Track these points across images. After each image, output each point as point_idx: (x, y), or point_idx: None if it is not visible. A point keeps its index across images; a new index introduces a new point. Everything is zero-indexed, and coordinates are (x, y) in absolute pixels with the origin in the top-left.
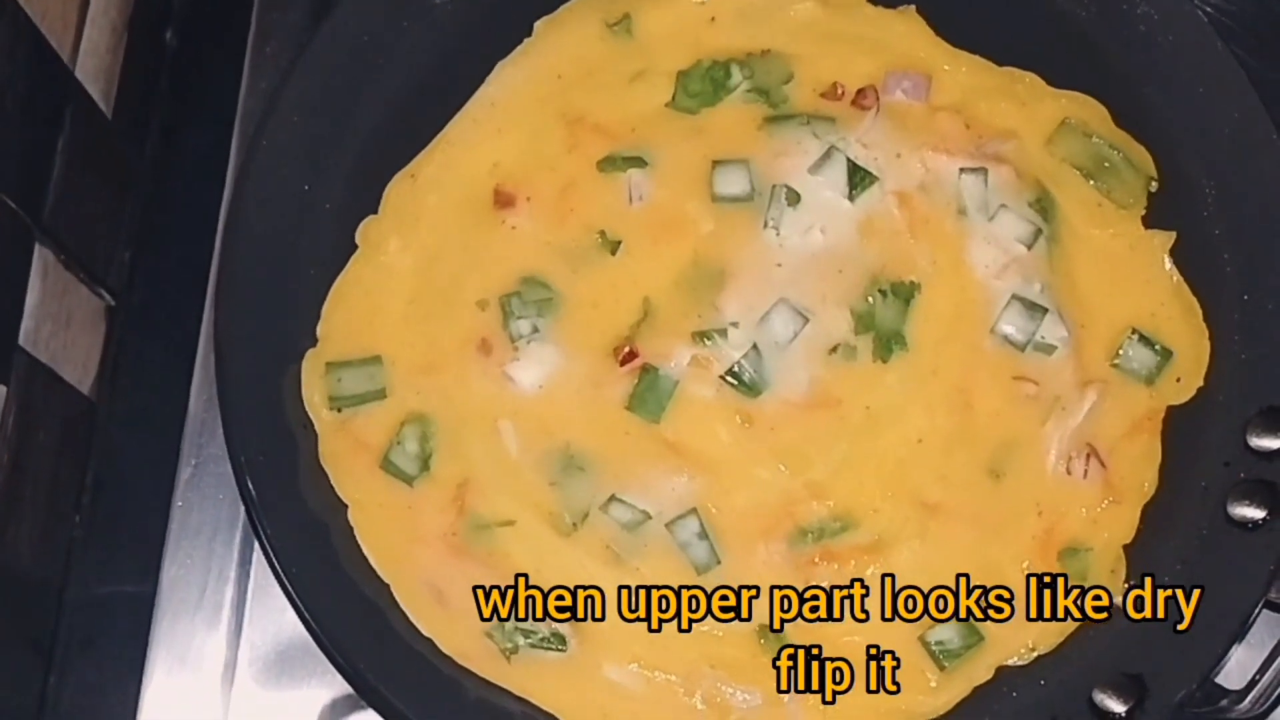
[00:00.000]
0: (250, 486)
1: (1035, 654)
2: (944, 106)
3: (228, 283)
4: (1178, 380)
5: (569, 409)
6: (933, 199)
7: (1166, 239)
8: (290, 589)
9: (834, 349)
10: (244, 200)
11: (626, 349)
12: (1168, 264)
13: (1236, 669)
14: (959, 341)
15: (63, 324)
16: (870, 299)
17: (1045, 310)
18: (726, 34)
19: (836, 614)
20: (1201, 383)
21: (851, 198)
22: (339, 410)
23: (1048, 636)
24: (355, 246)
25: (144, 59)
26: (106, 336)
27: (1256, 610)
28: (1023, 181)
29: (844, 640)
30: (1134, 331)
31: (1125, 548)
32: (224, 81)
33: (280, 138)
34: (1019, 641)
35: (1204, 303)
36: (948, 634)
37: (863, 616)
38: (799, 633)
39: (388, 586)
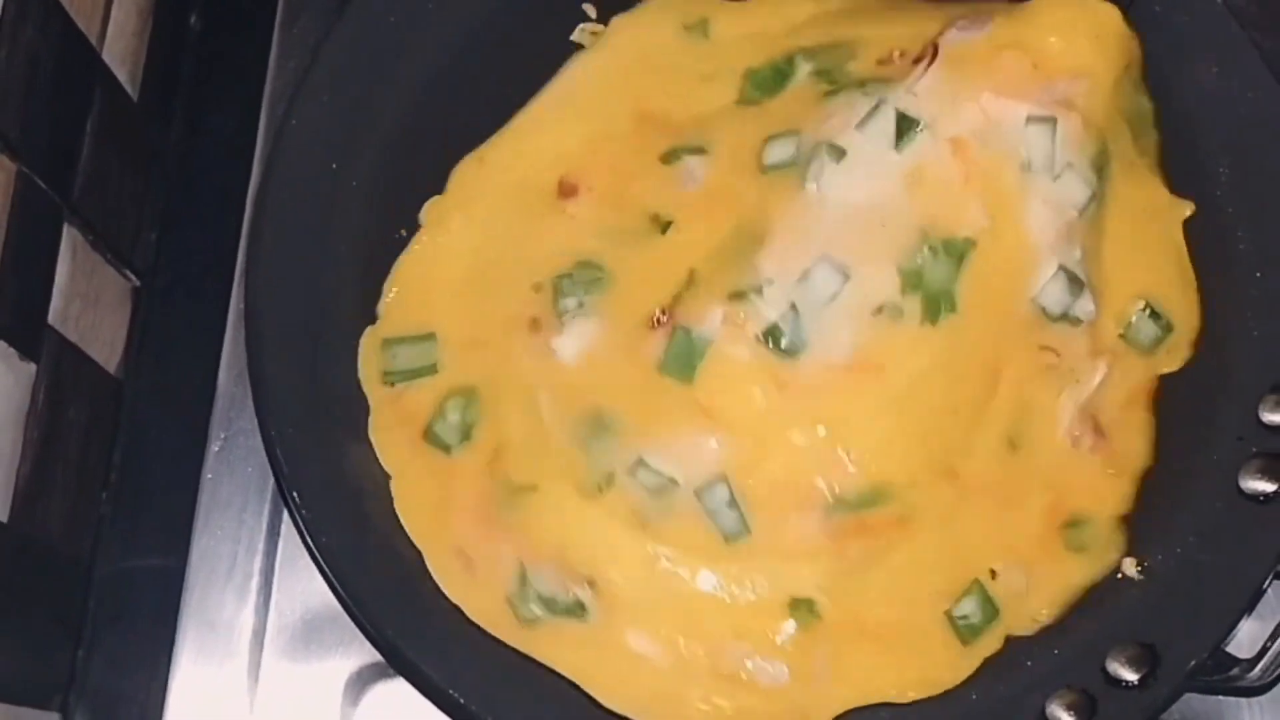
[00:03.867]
0: (281, 458)
1: (1040, 625)
2: (1008, 44)
3: (258, 258)
4: (1168, 351)
5: (604, 375)
6: (992, 150)
7: (1185, 207)
8: (319, 558)
9: (879, 309)
10: (274, 178)
11: (660, 311)
12: (1179, 232)
13: (1246, 638)
14: (1000, 307)
15: (91, 303)
16: (919, 257)
17: (1084, 284)
18: (800, 35)
19: (866, 586)
20: (1189, 354)
21: (899, 148)
22: (392, 384)
23: (1053, 607)
24: (384, 224)
25: (169, 41)
26: (133, 316)
27: (1268, 581)
28: (1088, 133)
29: (871, 613)
30: (1145, 304)
31: (1123, 518)
32: (250, 62)
33: (310, 117)
34: (1027, 612)
35: (1217, 280)
36: (970, 607)
37: (891, 588)
38: (829, 604)
39: (418, 554)
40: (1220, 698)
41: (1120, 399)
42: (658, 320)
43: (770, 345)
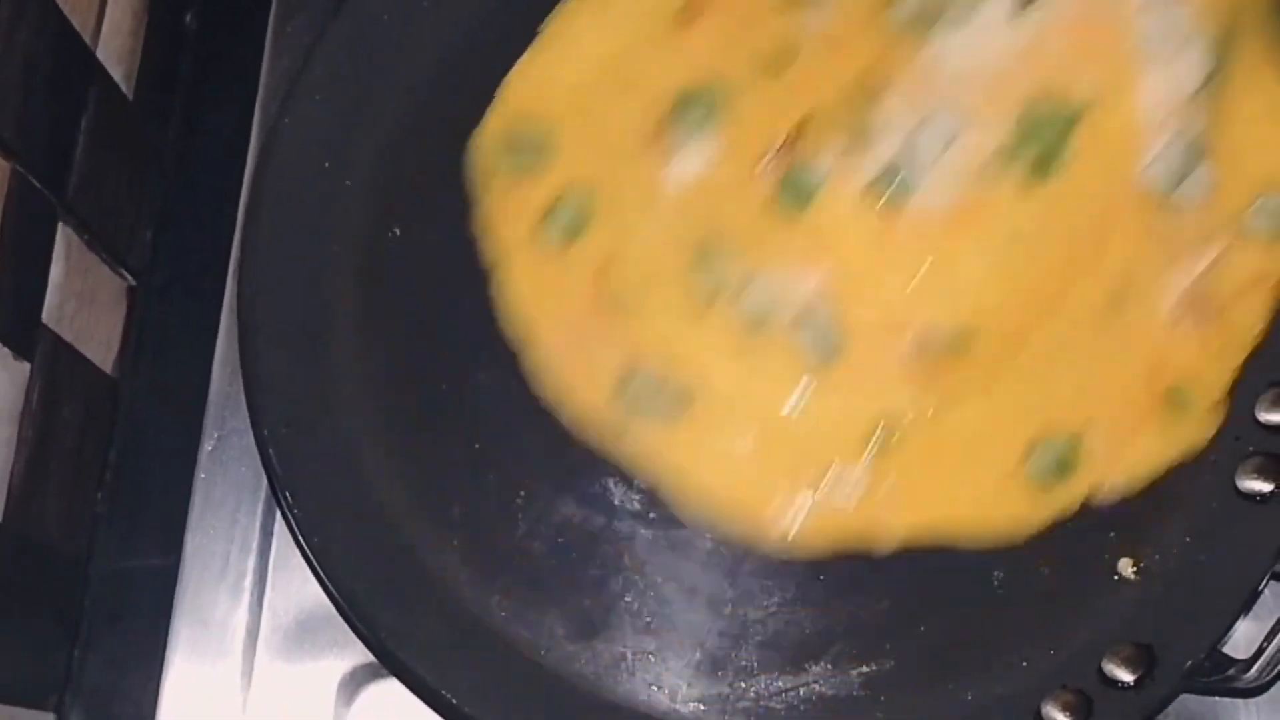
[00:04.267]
0: (273, 458)
1: (1119, 495)
2: None
3: (251, 256)
4: None
5: (717, 200)
6: (1114, 18)
7: None
8: (311, 558)
9: (988, 163)
10: (267, 177)
11: (779, 146)
12: None
13: (1243, 639)
14: (1111, 174)
15: (86, 302)
16: (1032, 117)
17: (1199, 158)
18: None
19: (946, 423)
20: None
21: (1021, 13)
22: (506, 172)
23: (1137, 477)
24: (378, 223)
25: (165, 40)
26: (128, 316)
27: (1265, 582)
28: (1214, 12)
29: (948, 449)
30: (1272, 189)
31: (1220, 403)
32: (245, 61)
33: (303, 116)
34: (1109, 477)
35: None
36: (1048, 458)
37: (971, 429)
38: (907, 435)
39: (413, 554)
40: (1217, 698)
41: (1239, 283)
42: (775, 154)
43: (881, 188)
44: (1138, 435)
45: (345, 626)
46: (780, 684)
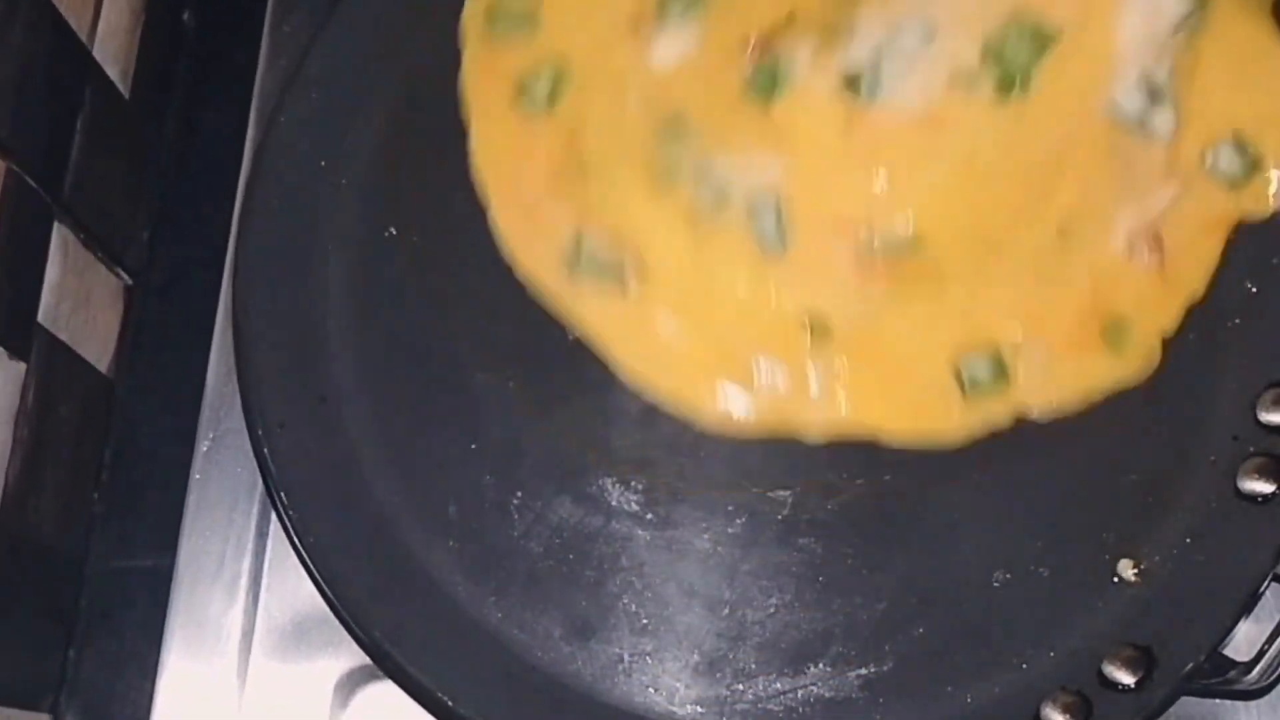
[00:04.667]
0: (268, 458)
1: (1053, 412)
2: None
3: (246, 256)
4: (1254, 193)
5: (691, 83)
6: None
7: None
8: (306, 559)
9: (956, 75)
10: (261, 176)
11: (758, 38)
12: None
13: (1244, 641)
14: (1076, 102)
15: (82, 302)
16: (1005, 33)
17: (1166, 96)
18: None
19: (884, 325)
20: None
21: None
22: (491, 33)
23: (1071, 398)
24: (373, 223)
25: (162, 39)
26: (124, 315)
27: (1265, 583)
28: None
29: (883, 351)
30: (1233, 135)
31: (1165, 340)
32: (242, 61)
33: (298, 115)
34: (1043, 393)
35: None
36: (981, 366)
37: (908, 333)
38: (843, 332)
39: (409, 554)
40: (1217, 701)
41: (1193, 225)
42: (753, 44)
43: (849, 86)
44: (1072, 360)
45: (340, 627)
46: (779, 686)
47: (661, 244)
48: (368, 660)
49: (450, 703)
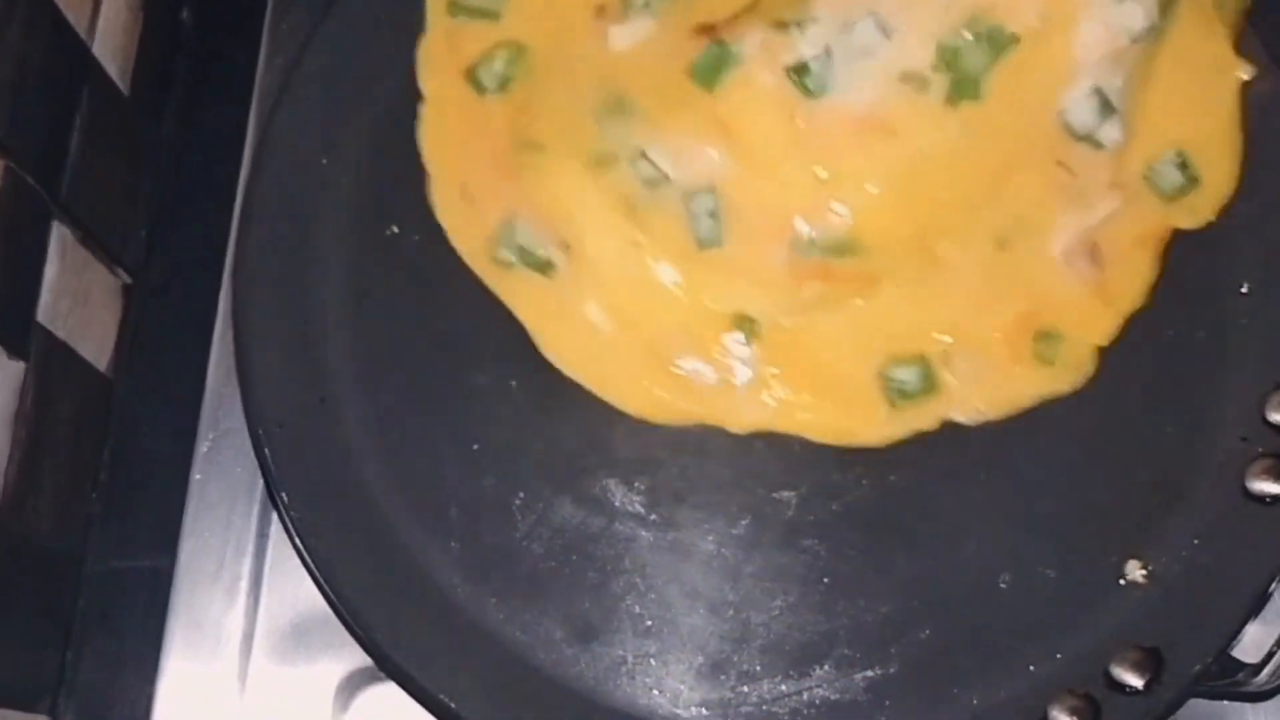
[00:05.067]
0: (269, 459)
1: (980, 419)
2: None
3: (246, 254)
4: (1189, 207)
5: (641, 67)
6: None
7: (1245, 68)
8: (308, 560)
9: (907, 77)
10: (261, 174)
11: (705, 22)
12: (1235, 94)
13: (1252, 643)
14: (1025, 111)
15: (80, 301)
16: (961, 38)
17: (1118, 108)
18: None
19: (813, 327)
20: (1212, 217)
21: None
22: (454, 15)
23: (999, 407)
24: (373, 220)
25: (161, 37)
26: (123, 314)
27: (1274, 584)
28: None
29: (811, 352)
30: (1177, 152)
31: (1100, 350)
32: (241, 58)
33: (298, 112)
34: (971, 401)
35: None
36: (908, 375)
37: (837, 336)
38: (772, 332)
39: (408, 554)
40: (1225, 703)
41: (1129, 237)
42: (705, 30)
43: (796, 80)
44: (1002, 369)
45: (342, 630)
46: (783, 688)
47: (596, 230)
48: (369, 662)
49: (452, 705)
